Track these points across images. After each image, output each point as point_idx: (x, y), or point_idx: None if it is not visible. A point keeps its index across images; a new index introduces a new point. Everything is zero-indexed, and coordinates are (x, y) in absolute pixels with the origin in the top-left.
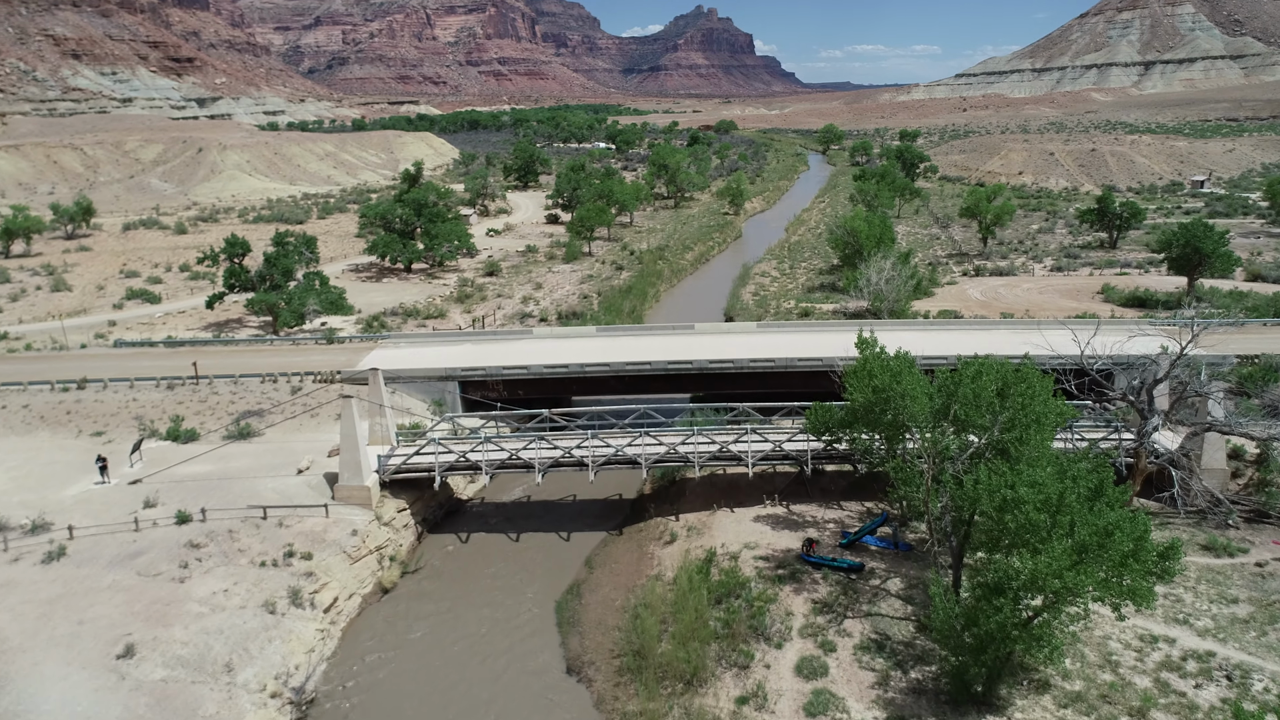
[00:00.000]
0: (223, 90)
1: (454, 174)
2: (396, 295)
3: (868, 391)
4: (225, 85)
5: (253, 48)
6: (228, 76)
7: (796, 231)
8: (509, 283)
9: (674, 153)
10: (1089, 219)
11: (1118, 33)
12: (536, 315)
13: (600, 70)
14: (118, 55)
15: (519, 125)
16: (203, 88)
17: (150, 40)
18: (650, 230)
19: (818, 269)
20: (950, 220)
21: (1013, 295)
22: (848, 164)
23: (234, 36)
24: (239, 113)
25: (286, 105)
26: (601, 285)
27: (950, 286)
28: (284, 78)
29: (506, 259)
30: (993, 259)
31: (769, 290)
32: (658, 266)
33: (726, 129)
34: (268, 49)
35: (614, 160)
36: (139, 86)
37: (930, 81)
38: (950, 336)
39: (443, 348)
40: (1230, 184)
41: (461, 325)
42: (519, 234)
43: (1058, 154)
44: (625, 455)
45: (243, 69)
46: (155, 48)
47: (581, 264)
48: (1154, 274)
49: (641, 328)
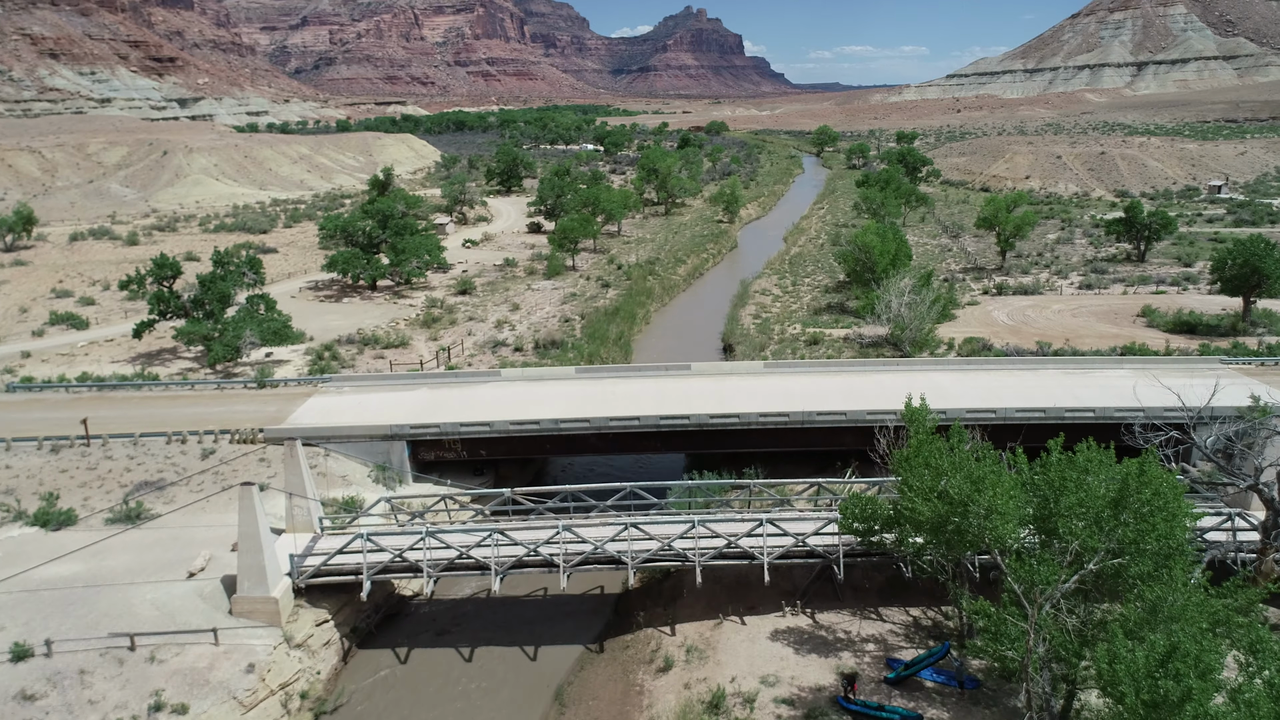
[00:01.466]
0: (205, 90)
1: (435, 177)
2: (356, 318)
3: (934, 502)
4: (208, 85)
5: (238, 48)
6: (211, 76)
7: (796, 242)
8: (483, 302)
9: (664, 156)
10: (1115, 230)
11: (1110, 33)
12: (511, 343)
13: (589, 71)
14: (97, 55)
15: (506, 126)
16: (184, 88)
17: (131, 40)
18: (639, 240)
19: (823, 286)
20: (961, 229)
21: (1043, 319)
22: (844, 167)
23: (219, 36)
24: (221, 113)
25: (270, 106)
26: (586, 306)
27: (972, 308)
28: (269, 78)
29: (483, 274)
30: (1013, 274)
31: (771, 311)
32: (647, 283)
33: (717, 130)
34: (253, 49)
35: (602, 163)
36: (118, 87)
37: (921, 82)
38: (993, 379)
39: (394, 393)
40: (1248, 189)
41: (424, 356)
42: (498, 244)
43: (1065, 157)
44: (606, 553)
45: (227, 69)
46: (136, 47)
47: (564, 280)
48: (1193, 292)
49: (629, 369)
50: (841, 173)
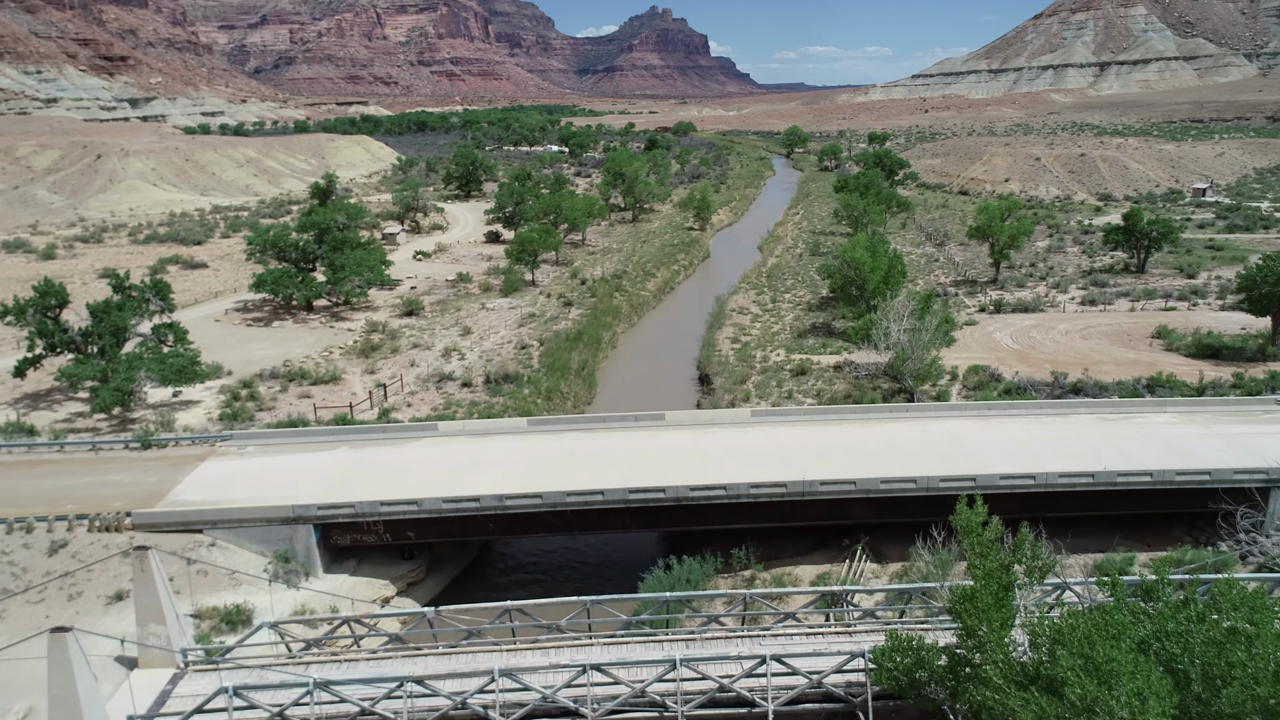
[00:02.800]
0: (158, 90)
1: (391, 181)
2: (286, 346)
3: (1034, 699)
4: (161, 85)
5: (194, 46)
6: (165, 76)
7: (773, 251)
8: (431, 325)
9: (631, 160)
10: (1115, 239)
11: (1072, 34)
12: (459, 377)
13: (555, 71)
14: (43, 53)
15: (469, 127)
16: (136, 88)
17: (80, 38)
18: (605, 251)
19: (805, 303)
20: (946, 237)
21: (1050, 341)
22: (816, 169)
23: (174, 35)
24: (175, 114)
25: (227, 106)
26: (545, 329)
27: (970, 328)
28: (227, 77)
29: (433, 290)
30: (1009, 288)
31: (750, 333)
32: (614, 301)
33: (685, 131)
34: (210, 48)
35: (566, 165)
36: (66, 86)
37: (887, 82)
38: (1021, 429)
39: (308, 455)
40: (1231, 192)
41: (358, 394)
42: (453, 256)
43: (1044, 159)
44: (557, 704)
45: (182, 68)
46: (85, 45)
47: (523, 297)
48: (1204, 309)
49: (591, 420)
50: (814, 175)
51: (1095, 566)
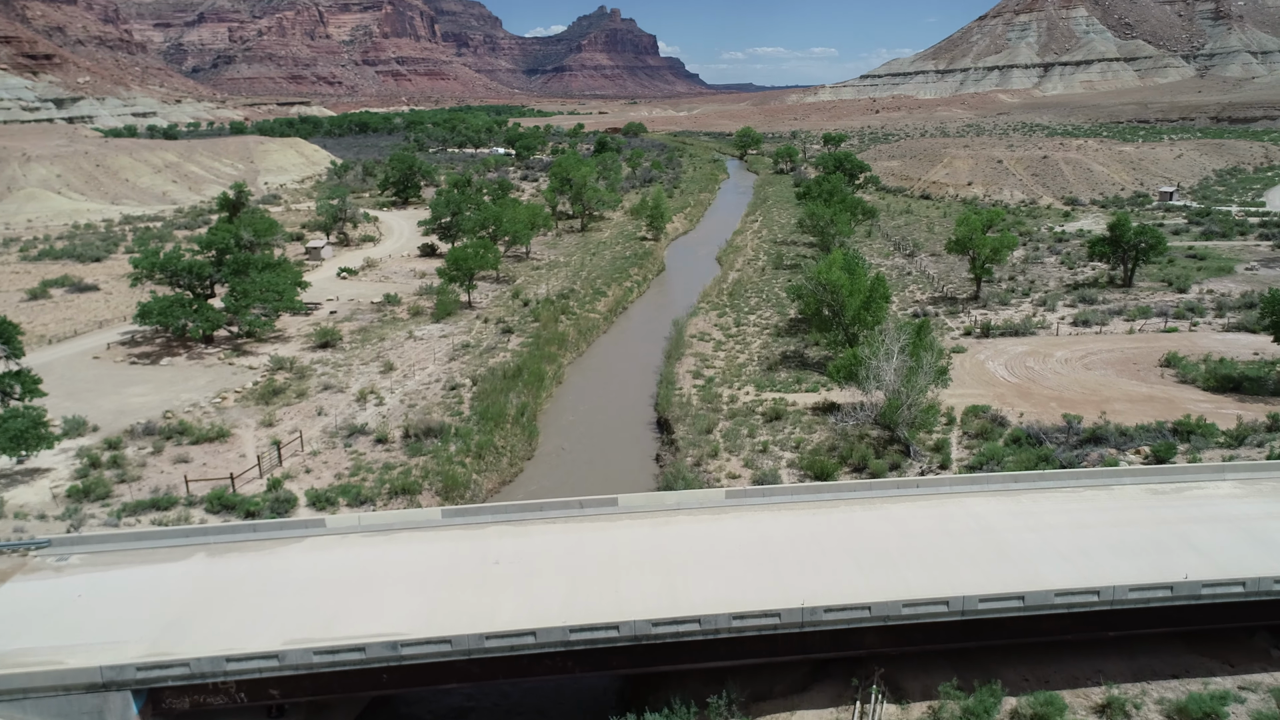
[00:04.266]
0: (86, 90)
1: (324, 186)
2: (172, 390)
3: None
4: (89, 85)
5: (127, 45)
6: (93, 75)
7: (733, 264)
8: (348, 360)
9: (579, 164)
10: (1101, 250)
11: (1016, 35)
12: (373, 430)
13: (503, 71)
14: None
15: (412, 128)
16: (61, 87)
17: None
18: (551, 265)
19: (773, 326)
20: (916, 247)
21: (1050, 372)
22: (771, 171)
23: (105, 33)
24: (103, 114)
25: (160, 106)
26: (481, 362)
27: (959, 356)
28: (162, 77)
29: (355, 315)
30: (991, 306)
31: (714, 365)
32: (559, 327)
33: (635, 132)
34: (144, 46)
35: (513, 168)
36: None
37: (836, 83)
38: (1058, 509)
39: (149, 569)
40: (1197, 195)
41: (248, 455)
42: (382, 272)
43: (1006, 162)
44: None
45: (114, 67)
46: (7, 43)
47: (457, 322)
48: (1206, 329)
49: (523, 511)
50: (769, 178)
51: (1178, 710)
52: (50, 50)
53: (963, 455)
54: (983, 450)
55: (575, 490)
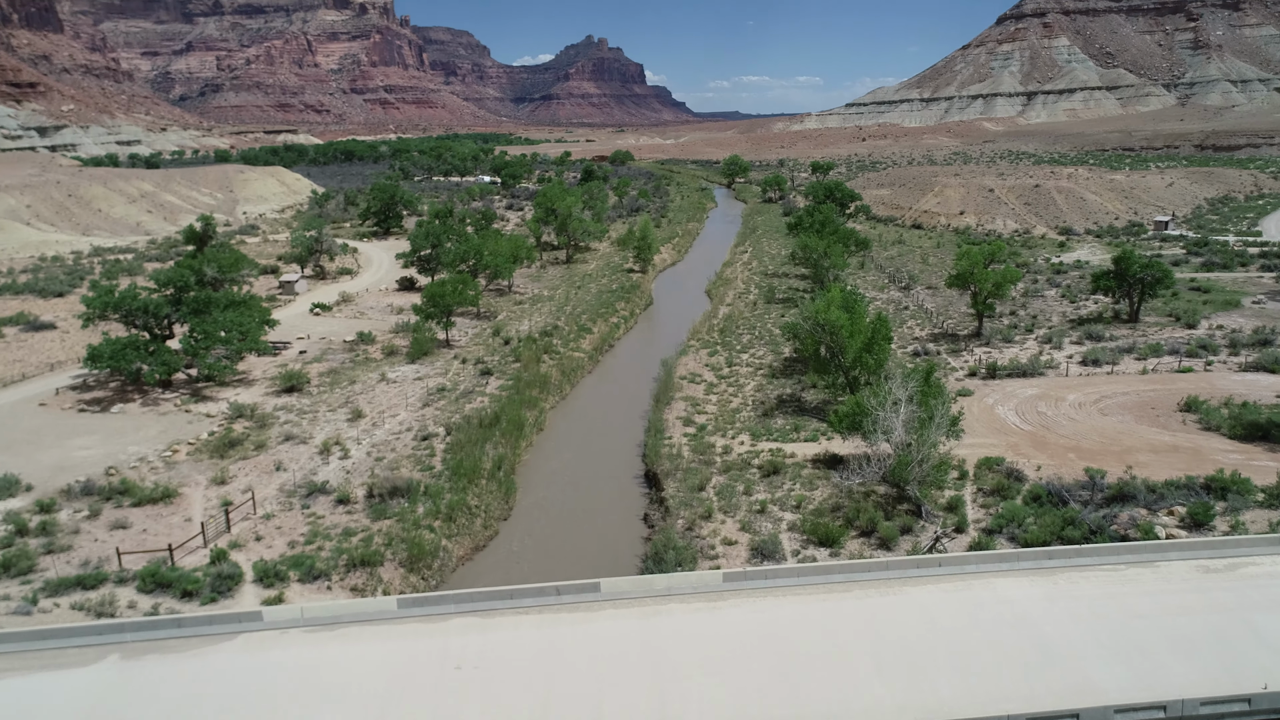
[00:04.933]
0: (70, 118)
1: (305, 216)
2: (120, 441)
3: None
4: (73, 113)
5: (113, 73)
6: (77, 104)
7: (723, 298)
8: (314, 406)
9: (564, 194)
10: (1107, 285)
11: (999, 64)
12: (335, 488)
13: (491, 99)
14: None
15: (398, 156)
16: (45, 115)
17: None
18: (535, 300)
19: (767, 366)
20: (912, 280)
21: (1064, 417)
22: (759, 200)
23: (92, 61)
24: (86, 142)
25: (145, 135)
26: (457, 408)
27: (966, 399)
28: (148, 105)
29: (326, 355)
30: (995, 344)
31: (705, 410)
32: (541, 368)
33: (623, 160)
34: (131, 75)
35: (498, 197)
36: None
37: (822, 111)
38: (1100, 593)
39: (46, 678)
40: (1191, 224)
41: (193, 520)
42: (358, 307)
43: (998, 190)
44: None
45: (99, 95)
46: None
47: (434, 363)
48: (1221, 368)
49: (490, 599)
50: (758, 206)
51: None
52: (35, 78)
53: (979, 516)
54: (1001, 511)
55: (553, 560)
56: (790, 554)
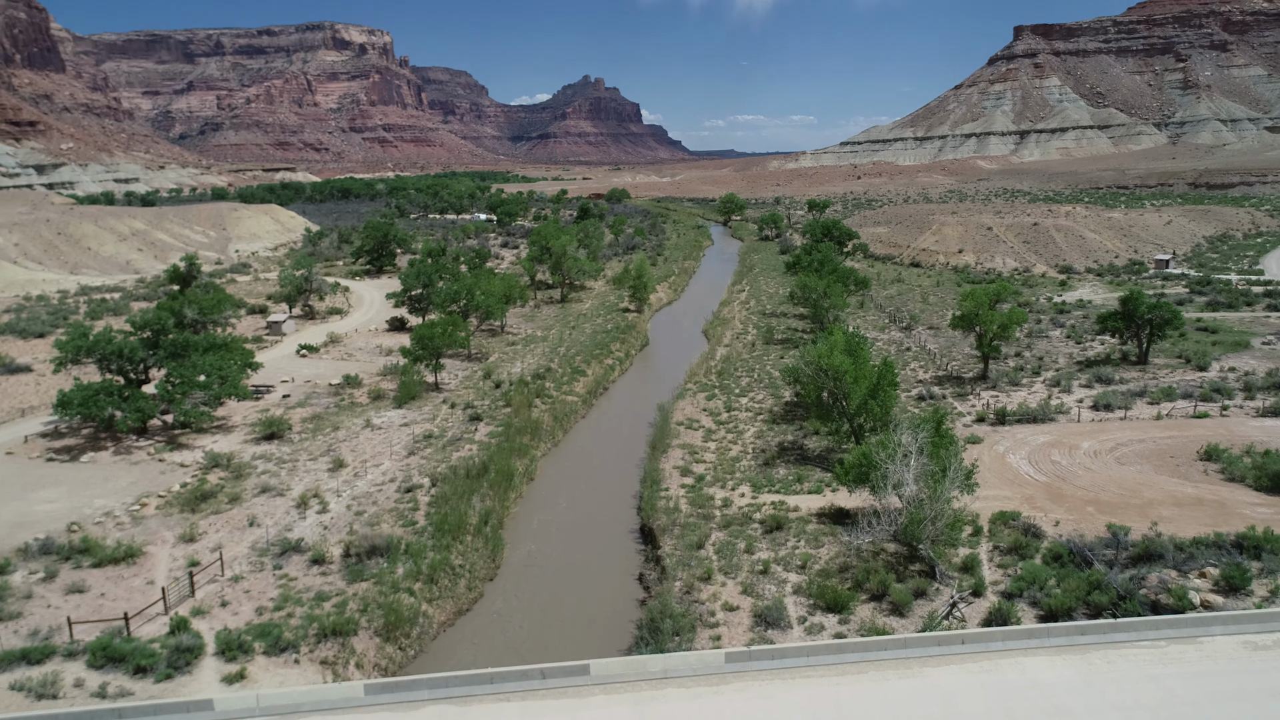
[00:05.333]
0: (69, 156)
1: (297, 254)
2: (86, 494)
3: None
4: (72, 151)
5: (114, 112)
6: (77, 142)
7: (721, 339)
8: (295, 455)
9: (559, 233)
10: (1114, 326)
11: (992, 103)
12: (309, 547)
13: (488, 137)
14: None
15: (395, 194)
16: (44, 153)
17: None
18: (528, 340)
19: (767, 410)
20: (913, 320)
21: (1079, 467)
22: (755, 237)
23: (92, 100)
24: (84, 180)
25: (143, 172)
26: (444, 456)
27: (975, 447)
28: (148, 143)
29: (310, 399)
30: (1001, 387)
31: (705, 460)
32: (533, 413)
33: (619, 198)
34: (131, 114)
35: (494, 235)
36: None
37: (817, 149)
38: (1140, 673)
39: None
40: (1192, 262)
41: (156, 582)
42: (346, 349)
43: (996, 229)
44: None
45: (99, 134)
46: None
47: (422, 408)
48: (1238, 413)
49: (468, 682)
50: (754, 245)
51: None
52: (35, 117)
53: (997, 577)
54: (1020, 572)
55: (540, 625)
56: (796, 621)
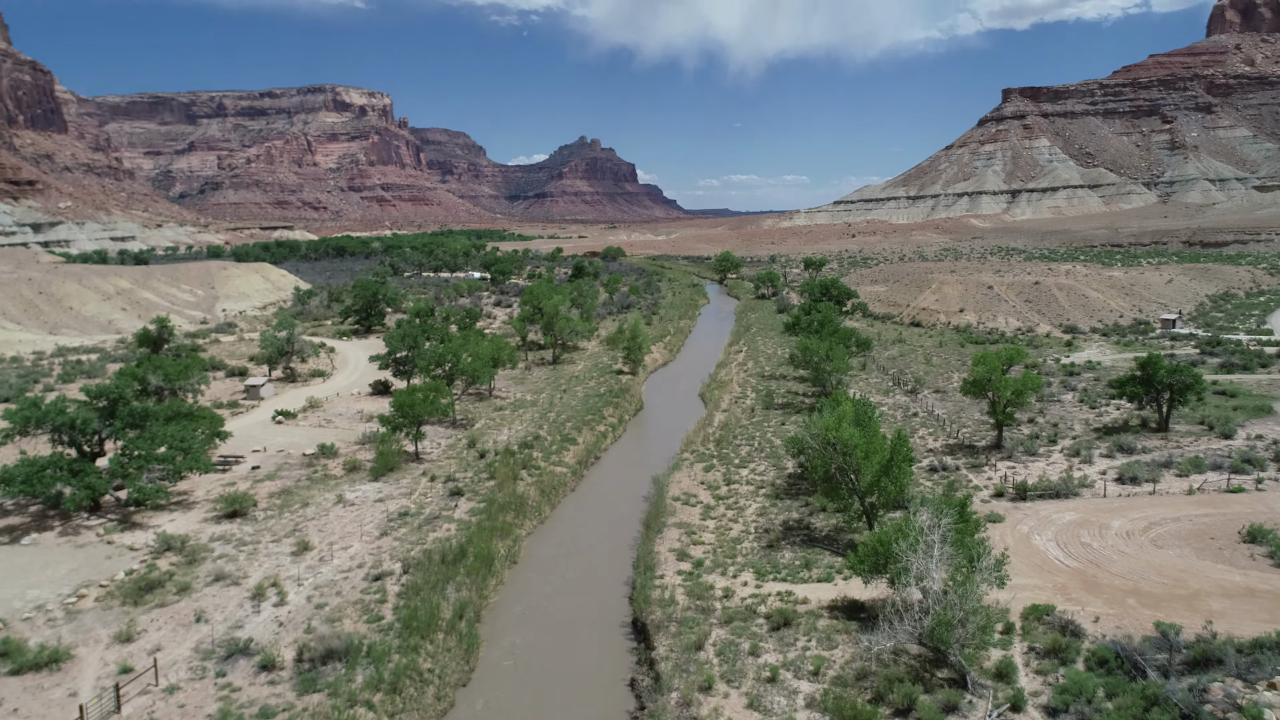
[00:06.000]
0: (67, 215)
1: (284, 314)
2: (21, 581)
3: None
4: (70, 210)
5: (114, 171)
6: (75, 200)
7: (719, 403)
8: (257, 535)
9: (551, 292)
10: (1133, 392)
11: (983, 163)
12: (259, 650)
13: (486, 196)
14: None
15: (390, 252)
16: (41, 212)
17: None
18: (517, 405)
19: (769, 484)
20: (919, 383)
21: (1113, 550)
22: (751, 295)
23: (94, 160)
24: (81, 238)
25: (140, 230)
26: (418, 538)
27: (996, 525)
28: (146, 202)
29: (281, 471)
30: (1017, 457)
31: (703, 541)
32: (518, 487)
33: (614, 256)
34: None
35: (487, 293)
36: None
37: (810, 207)
38: None
39: None
40: (1198, 321)
41: (81, 693)
42: (326, 414)
43: (997, 287)
44: None
45: (99, 192)
46: None
47: (399, 480)
48: (1273, 485)
49: None
50: (751, 303)
51: None
52: (34, 176)
53: (1036, 687)
54: (1064, 682)
55: None
56: None
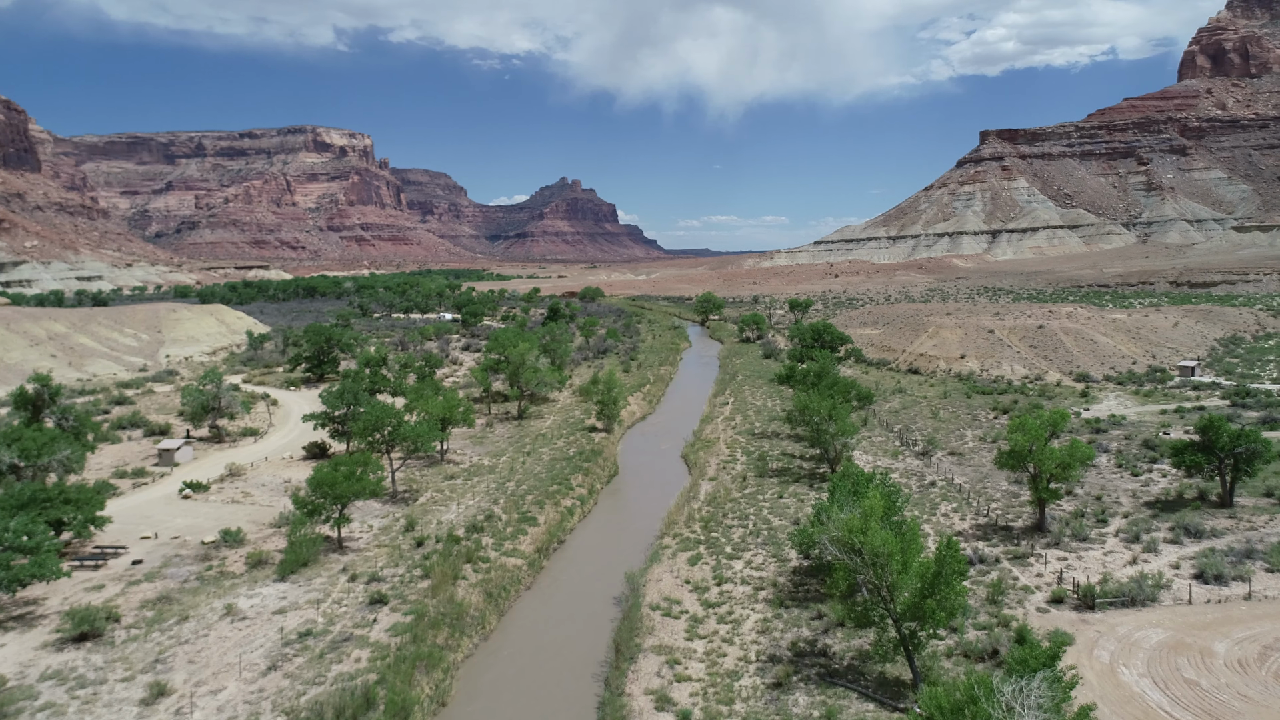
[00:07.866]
0: (31, 254)
1: (234, 359)
2: None
3: None
4: (36, 249)
5: (88, 211)
6: (41, 239)
7: (705, 468)
8: (105, 671)
9: (518, 339)
10: (1193, 461)
11: (962, 204)
12: None
13: (466, 236)
14: None
15: (362, 292)
16: (5, 251)
17: None
18: (472, 471)
19: (770, 581)
20: (931, 444)
21: (1226, 689)
22: (735, 339)
23: (67, 199)
24: (45, 278)
25: (109, 270)
26: (316, 673)
27: (1067, 651)
28: (119, 241)
29: (167, 567)
30: (1064, 542)
31: (690, 677)
32: (458, 590)
33: (593, 296)
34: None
35: (457, 336)
36: None
37: (791, 247)
38: None
39: None
40: (1215, 368)
41: None
42: (247, 484)
43: (998, 331)
44: None
45: (70, 231)
46: None
47: (312, 580)
48: None
49: None
50: (735, 347)
51: None
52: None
53: None
54: None
55: None
56: None
